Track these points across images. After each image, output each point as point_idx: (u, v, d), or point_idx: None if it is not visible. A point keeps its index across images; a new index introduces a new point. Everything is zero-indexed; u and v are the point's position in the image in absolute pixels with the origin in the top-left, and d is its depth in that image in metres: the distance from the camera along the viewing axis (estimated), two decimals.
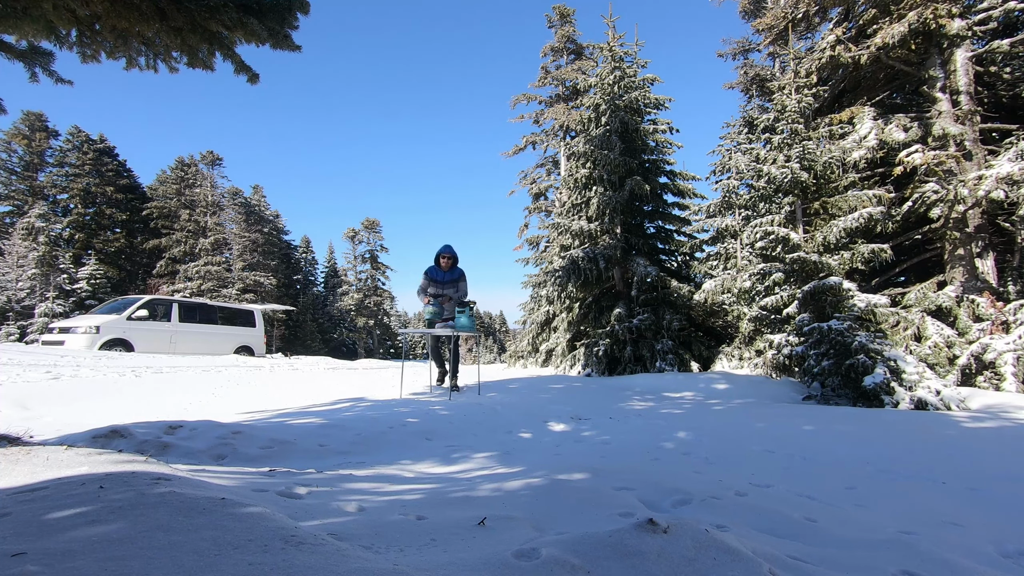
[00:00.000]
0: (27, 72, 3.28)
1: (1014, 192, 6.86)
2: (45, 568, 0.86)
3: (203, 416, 3.95)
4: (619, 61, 9.92)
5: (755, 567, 1.12)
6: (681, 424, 4.14)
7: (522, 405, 5.01)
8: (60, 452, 1.83)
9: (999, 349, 6.24)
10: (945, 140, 7.76)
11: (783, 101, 7.95)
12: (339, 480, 2.23)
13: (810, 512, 1.82)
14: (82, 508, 1.16)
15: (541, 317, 11.41)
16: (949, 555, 1.44)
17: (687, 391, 6.48)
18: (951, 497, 2.21)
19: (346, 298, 37.08)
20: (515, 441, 3.69)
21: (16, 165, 26.97)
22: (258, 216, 31.88)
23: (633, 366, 8.50)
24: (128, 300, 11.85)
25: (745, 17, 16.08)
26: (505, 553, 1.17)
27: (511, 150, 20.74)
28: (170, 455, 2.68)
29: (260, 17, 3.17)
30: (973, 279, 7.57)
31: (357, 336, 37.52)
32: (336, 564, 0.98)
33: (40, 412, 3.91)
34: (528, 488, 1.92)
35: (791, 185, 7.40)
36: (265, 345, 14.48)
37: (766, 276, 7.66)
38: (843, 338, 5.99)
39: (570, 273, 9.11)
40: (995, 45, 7.92)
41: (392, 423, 3.80)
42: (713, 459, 2.91)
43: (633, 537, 1.18)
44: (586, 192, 9.97)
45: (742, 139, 14.89)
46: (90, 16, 2.94)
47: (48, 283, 23.96)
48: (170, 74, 3.59)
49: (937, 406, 5.26)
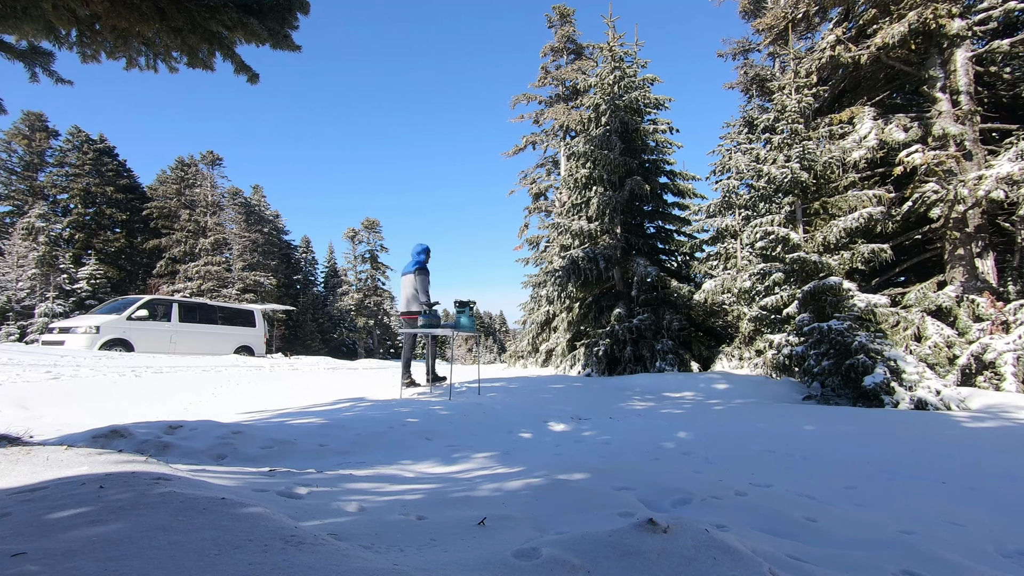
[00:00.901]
0: (27, 72, 3.28)
1: (1014, 192, 6.86)
2: (45, 568, 0.86)
3: (203, 416, 3.96)
4: (619, 61, 9.92)
5: (755, 567, 1.12)
6: (681, 424, 4.14)
7: (522, 405, 5.01)
8: (60, 452, 1.83)
9: (999, 349, 6.24)
10: (945, 140, 7.76)
11: (783, 101, 7.95)
12: (339, 480, 2.23)
13: (810, 512, 1.82)
14: (82, 508, 1.16)
15: (541, 317, 11.42)
16: (949, 555, 1.44)
17: (687, 391, 6.48)
18: (951, 497, 2.21)
19: (346, 298, 37.07)
20: (515, 441, 3.69)
21: (16, 165, 26.97)
22: (258, 216, 31.88)
23: (633, 366, 8.50)
24: (128, 300, 11.85)
25: (745, 17, 16.07)
26: (505, 553, 1.17)
27: (511, 150, 20.73)
28: (170, 455, 2.68)
29: (260, 17, 3.17)
30: (973, 279, 7.57)
31: (357, 336, 37.52)
32: (336, 564, 0.98)
33: (40, 412, 3.91)
34: (528, 488, 1.92)
35: (791, 185, 7.40)
36: (265, 345, 14.48)
37: (766, 276, 7.66)
38: (843, 338, 5.99)
39: (570, 273, 9.11)
40: (995, 45, 7.92)
41: (392, 423, 3.80)
42: (713, 459, 2.91)
43: (633, 537, 1.18)
44: (586, 192, 9.97)
45: (742, 139, 14.88)
46: (90, 16, 2.94)
47: (48, 283, 23.96)
48: (170, 74, 3.59)
49: (937, 406, 5.26)
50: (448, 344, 12.80)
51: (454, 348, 9.24)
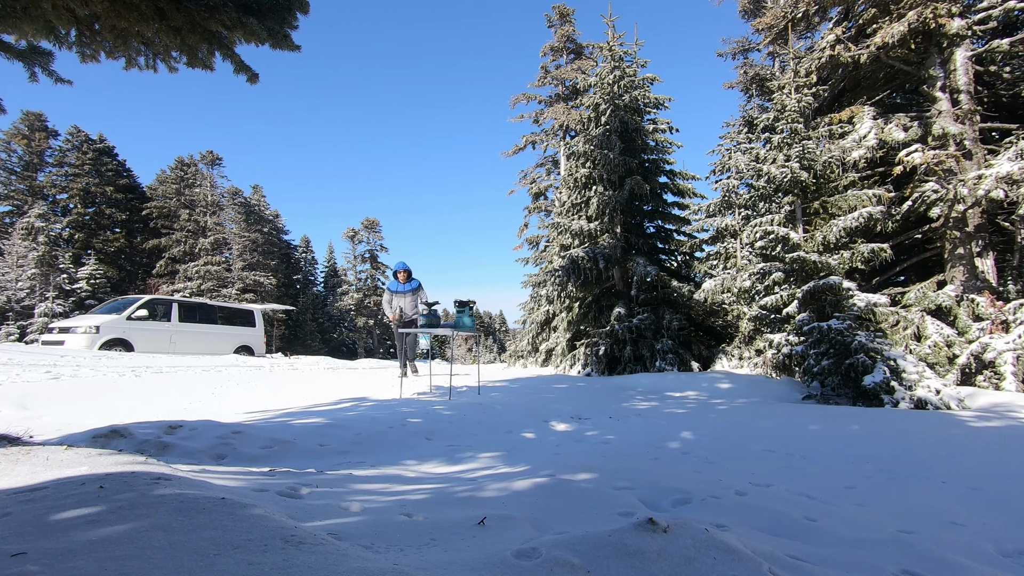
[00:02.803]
0: (27, 72, 3.27)
1: (1014, 191, 6.86)
2: (45, 568, 0.86)
3: (203, 416, 3.95)
4: (619, 61, 9.92)
5: (755, 566, 1.12)
6: (682, 424, 4.15)
7: (523, 405, 5.01)
8: (60, 452, 1.83)
9: (999, 348, 6.24)
10: (945, 139, 7.75)
11: (783, 100, 7.95)
12: (340, 480, 2.23)
13: (810, 511, 1.82)
14: (82, 508, 1.16)
15: (541, 317, 11.42)
16: (949, 554, 1.44)
17: (689, 391, 6.48)
18: (952, 496, 2.21)
19: (346, 298, 37.06)
20: (517, 441, 3.69)
21: (16, 165, 26.96)
22: (258, 216, 31.87)
23: (633, 366, 8.50)
24: (128, 300, 11.84)
25: (745, 17, 16.06)
26: (505, 553, 1.17)
27: (511, 150, 20.72)
28: (170, 455, 2.68)
29: (260, 17, 3.17)
30: (973, 278, 7.57)
31: (357, 336, 37.52)
32: (336, 564, 0.98)
33: (40, 412, 3.91)
34: (529, 488, 1.92)
35: (791, 185, 7.40)
36: (265, 345, 14.48)
37: (766, 276, 7.66)
38: (843, 337, 5.99)
39: (570, 273, 9.11)
40: (995, 44, 7.91)
41: (393, 423, 3.81)
42: (713, 459, 2.91)
43: (633, 537, 1.18)
44: (586, 192, 9.97)
45: (742, 139, 14.87)
46: (89, 16, 2.94)
47: (48, 283, 23.95)
48: (170, 74, 3.59)
49: (937, 405, 5.26)
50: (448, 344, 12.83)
51: (454, 348, 9.23)
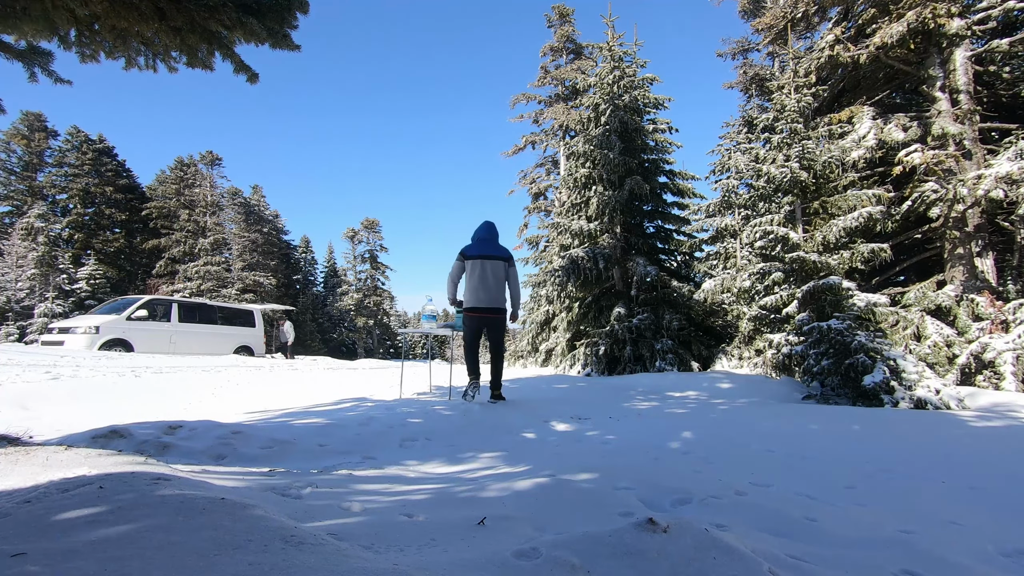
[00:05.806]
0: (26, 72, 3.27)
1: (1013, 191, 6.86)
2: (45, 568, 0.86)
3: (203, 416, 3.95)
4: (618, 61, 9.92)
5: (755, 566, 1.12)
6: (682, 424, 4.14)
7: (524, 405, 5.01)
8: (60, 452, 1.83)
9: (998, 348, 6.24)
10: (944, 139, 7.76)
11: (782, 100, 7.95)
12: (340, 480, 2.23)
13: (810, 511, 1.82)
14: (82, 509, 1.16)
15: (541, 317, 11.43)
16: (949, 554, 1.44)
17: (689, 391, 6.48)
18: (952, 496, 2.21)
19: (346, 298, 37.06)
20: (517, 441, 3.69)
21: (15, 165, 26.96)
22: (258, 216, 31.86)
23: (633, 366, 8.50)
24: (128, 300, 11.85)
25: (744, 17, 16.07)
26: (505, 553, 1.17)
27: (511, 150, 20.75)
28: (170, 455, 2.68)
29: (259, 17, 3.17)
30: (973, 278, 7.57)
31: (357, 336, 37.51)
32: (336, 564, 0.98)
33: (40, 412, 3.91)
34: (530, 488, 1.92)
35: (790, 185, 7.40)
36: (264, 345, 14.48)
37: (766, 276, 7.66)
38: (843, 337, 5.99)
39: (570, 273, 9.11)
40: (994, 44, 7.92)
41: (393, 423, 3.80)
42: (713, 458, 2.91)
43: (633, 536, 1.18)
44: (586, 192, 9.98)
45: (742, 139, 14.88)
46: (89, 16, 2.94)
47: (47, 283, 23.94)
48: (170, 74, 3.59)
49: (937, 405, 5.26)
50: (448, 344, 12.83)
51: (454, 348, 9.25)
